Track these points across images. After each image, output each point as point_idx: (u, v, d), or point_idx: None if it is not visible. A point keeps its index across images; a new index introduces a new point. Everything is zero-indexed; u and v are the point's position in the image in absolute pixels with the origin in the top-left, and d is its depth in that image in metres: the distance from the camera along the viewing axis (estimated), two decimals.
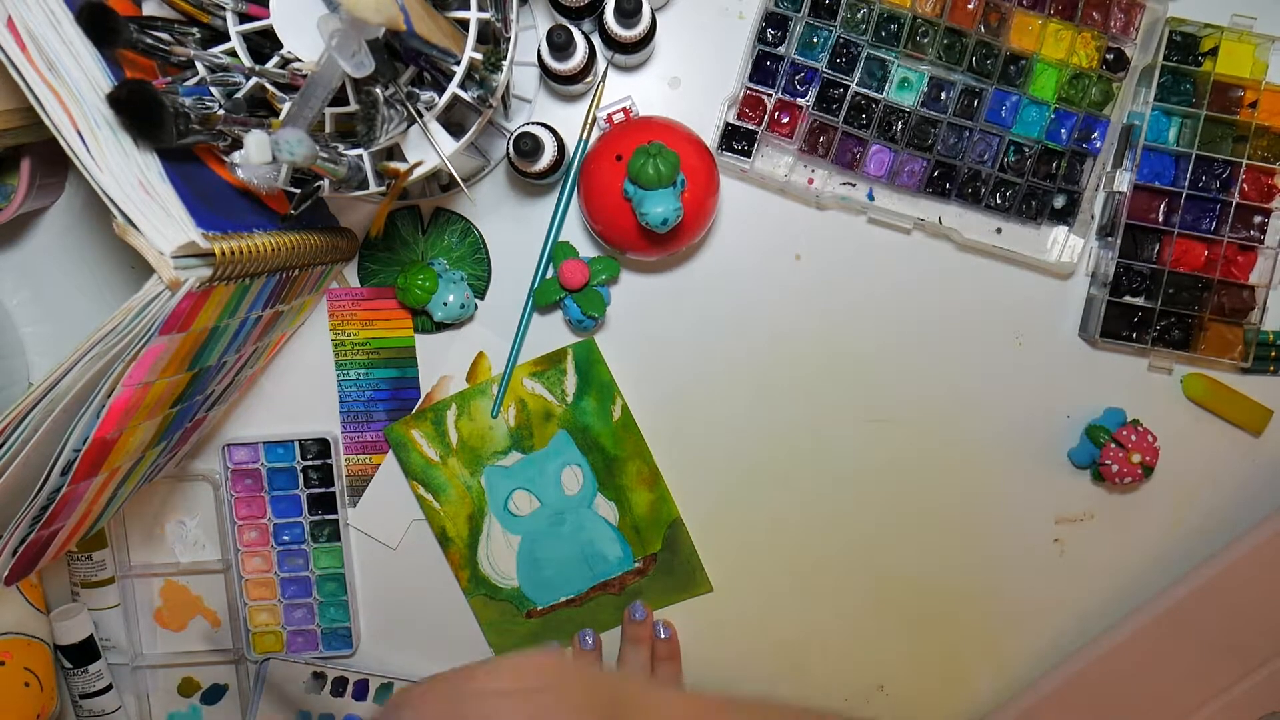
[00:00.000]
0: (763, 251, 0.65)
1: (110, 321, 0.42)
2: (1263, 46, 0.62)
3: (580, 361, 0.65)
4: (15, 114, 0.53)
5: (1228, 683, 0.63)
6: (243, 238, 0.47)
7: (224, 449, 0.66)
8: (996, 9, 0.61)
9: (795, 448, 0.67)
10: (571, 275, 0.61)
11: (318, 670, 0.67)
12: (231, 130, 0.47)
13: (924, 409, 0.66)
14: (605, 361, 0.66)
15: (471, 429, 0.66)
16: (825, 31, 0.61)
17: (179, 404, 0.52)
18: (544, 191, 0.65)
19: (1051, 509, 0.67)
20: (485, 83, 0.50)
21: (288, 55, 0.48)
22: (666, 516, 0.67)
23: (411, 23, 0.44)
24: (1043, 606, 0.68)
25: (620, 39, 0.59)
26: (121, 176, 0.42)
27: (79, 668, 0.66)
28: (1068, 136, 0.62)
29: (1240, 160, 0.62)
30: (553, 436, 0.66)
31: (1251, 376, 0.65)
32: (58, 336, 0.66)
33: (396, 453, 0.66)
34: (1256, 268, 0.63)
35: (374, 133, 0.50)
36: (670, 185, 0.55)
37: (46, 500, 0.45)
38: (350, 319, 0.66)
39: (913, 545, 0.67)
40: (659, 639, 0.66)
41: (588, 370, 0.66)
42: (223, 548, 0.68)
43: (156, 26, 0.48)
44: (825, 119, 0.62)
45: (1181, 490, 0.66)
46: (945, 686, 0.69)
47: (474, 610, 0.68)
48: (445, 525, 0.66)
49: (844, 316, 0.66)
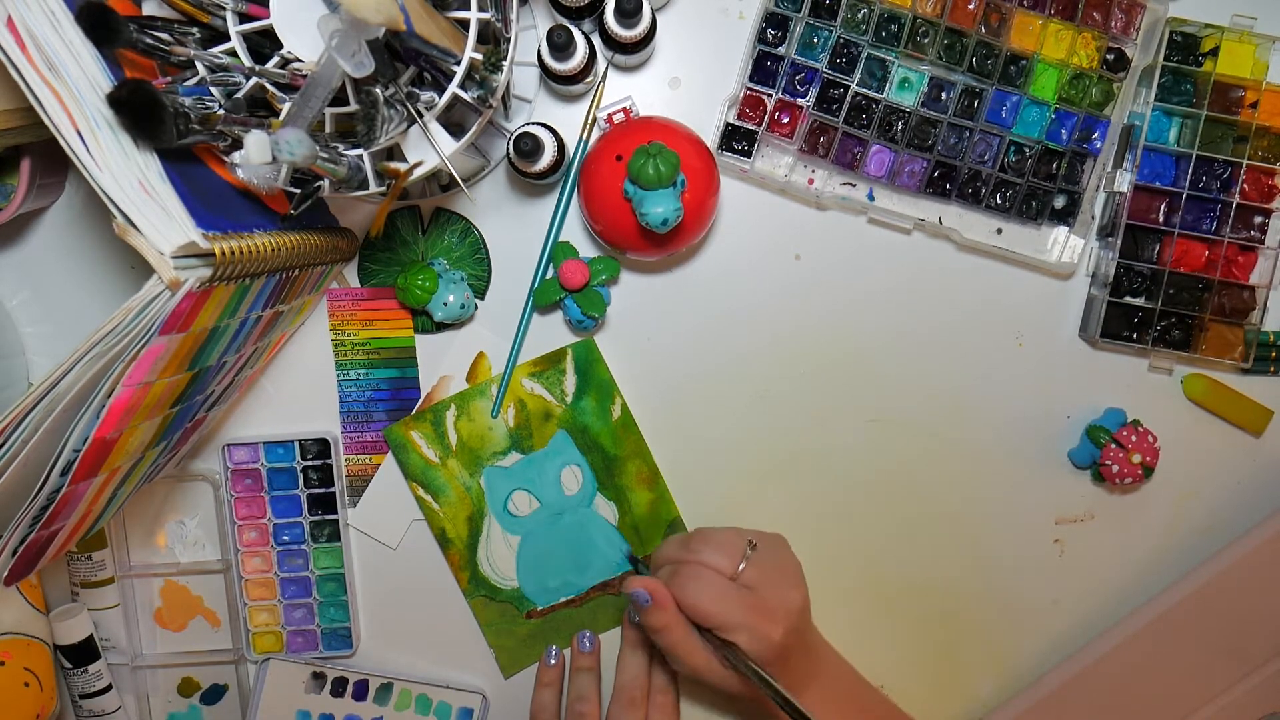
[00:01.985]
0: (763, 251, 0.65)
1: (110, 321, 0.42)
2: (1263, 47, 0.61)
3: (580, 361, 0.65)
4: (15, 114, 0.53)
5: (1228, 683, 0.63)
6: (243, 238, 0.47)
7: (224, 449, 0.66)
8: (997, 9, 0.61)
9: (795, 447, 0.67)
10: (571, 275, 0.61)
11: (318, 670, 0.67)
12: (231, 130, 0.47)
13: (924, 409, 0.66)
14: (605, 361, 0.66)
15: (471, 430, 0.66)
16: (825, 31, 0.61)
17: (179, 404, 0.52)
18: (544, 191, 0.65)
19: (1051, 509, 0.67)
20: (485, 83, 0.50)
21: (288, 55, 0.48)
22: (666, 516, 0.67)
23: (411, 23, 0.44)
24: (1043, 606, 0.68)
25: (620, 39, 0.59)
26: (121, 176, 0.42)
27: (79, 668, 0.66)
28: (1068, 137, 0.62)
29: (1241, 160, 0.62)
30: (552, 436, 0.66)
31: (1252, 377, 0.65)
32: (58, 336, 0.66)
33: (396, 454, 0.66)
34: (1257, 268, 0.63)
35: (374, 133, 0.50)
36: (670, 185, 0.55)
37: (46, 500, 0.45)
38: (350, 319, 0.66)
39: (912, 545, 0.67)
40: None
41: (587, 370, 0.66)
42: (223, 548, 0.68)
43: (156, 26, 0.48)
44: (825, 119, 0.62)
45: (1181, 490, 0.66)
46: (945, 686, 0.69)
47: (474, 611, 0.68)
48: (445, 526, 0.66)
49: (844, 317, 0.66)
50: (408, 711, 0.67)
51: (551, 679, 0.66)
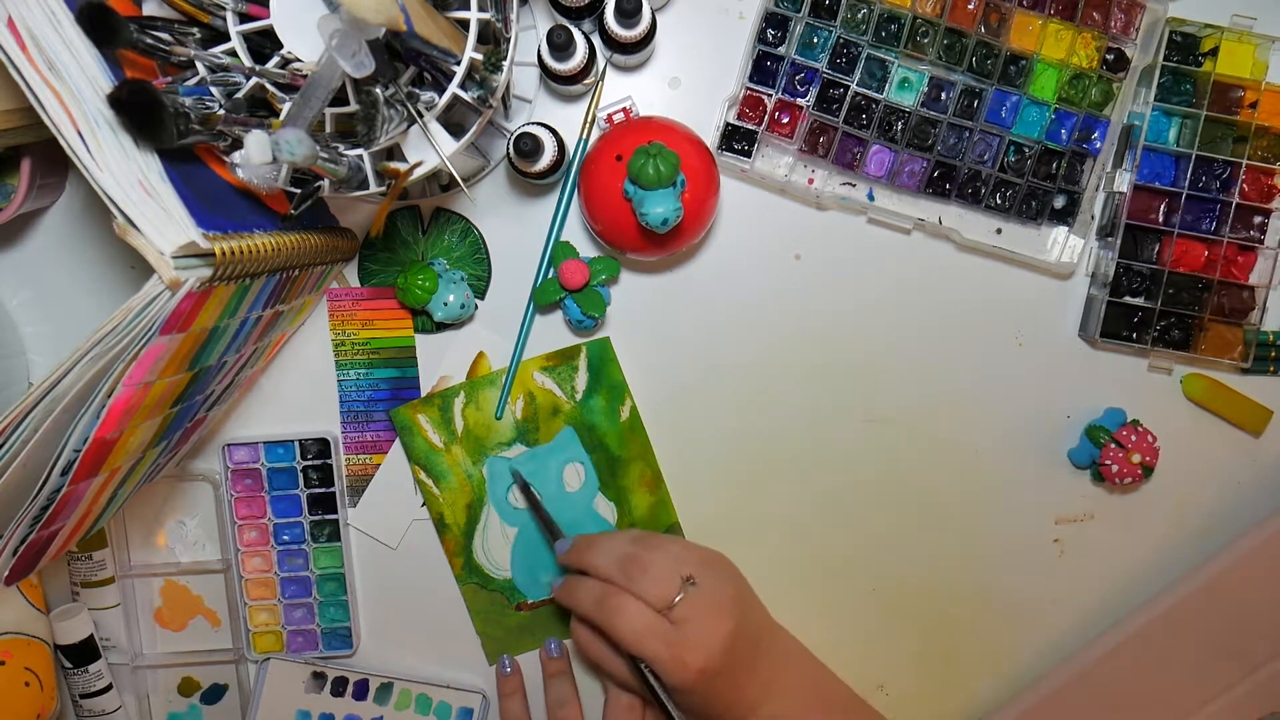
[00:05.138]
0: (763, 251, 0.65)
1: (110, 321, 0.42)
2: (1263, 47, 0.62)
3: (594, 360, 0.65)
4: (15, 114, 0.53)
5: (1228, 683, 0.63)
6: (243, 238, 0.47)
7: (224, 449, 0.66)
8: (997, 9, 0.61)
9: (794, 448, 0.67)
10: (571, 275, 0.61)
11: (318, 670, 0.67)
12: (231, 130, 0.47)
13: (924, 409, 0.66)
14: (619, 361, 0.66)
15: (478, 418, 0.66)
16: (825, 32, 0.61)
17: (179, 404, 0.52)
18: (544, 191, 0.65)
19: (1051, 509, 0.67)
20: (485, 83, 0.50)
21: (288, 55, 0.48)
22: (664, 521, 0.67)
23: (412, 23, 0.44)
24: (1043, 606, 0.68)
25: (620, 39, 0.59)
26: (121, 176, 0.42)
27: (79, 668, 0.66)
28: (1068, 137, 0.62)
29: (1240, 160, 0.62)
30: (558, 432, 0.66)
31: (1251, 377, 0.65)
32: (58, 336, 0.66)
33: (401, 436, 0.66)
34: (1256, 268, 0.63)
35: (374, 133, 0.50)
36: (670, 185, 0.55)
37: (46, 500, 0.45)
38: (350, 319, 0.66)
39: (913, 545, 0.67)
40: None
41: (600, 369, 0.66)
42: (223, 548, 0.68)
43: (156, 26, 0.48)
44: (825, 119, 0.62)
45: (1181, 490, 0.66)
46: (945, 686, 0.69)
47: (464, 598, 0.67)
48: (444, 512, 0.66)
49: (844, 317, 0.66)
50: (408, 711, 0.67)
51: (514, 688, 0.67)
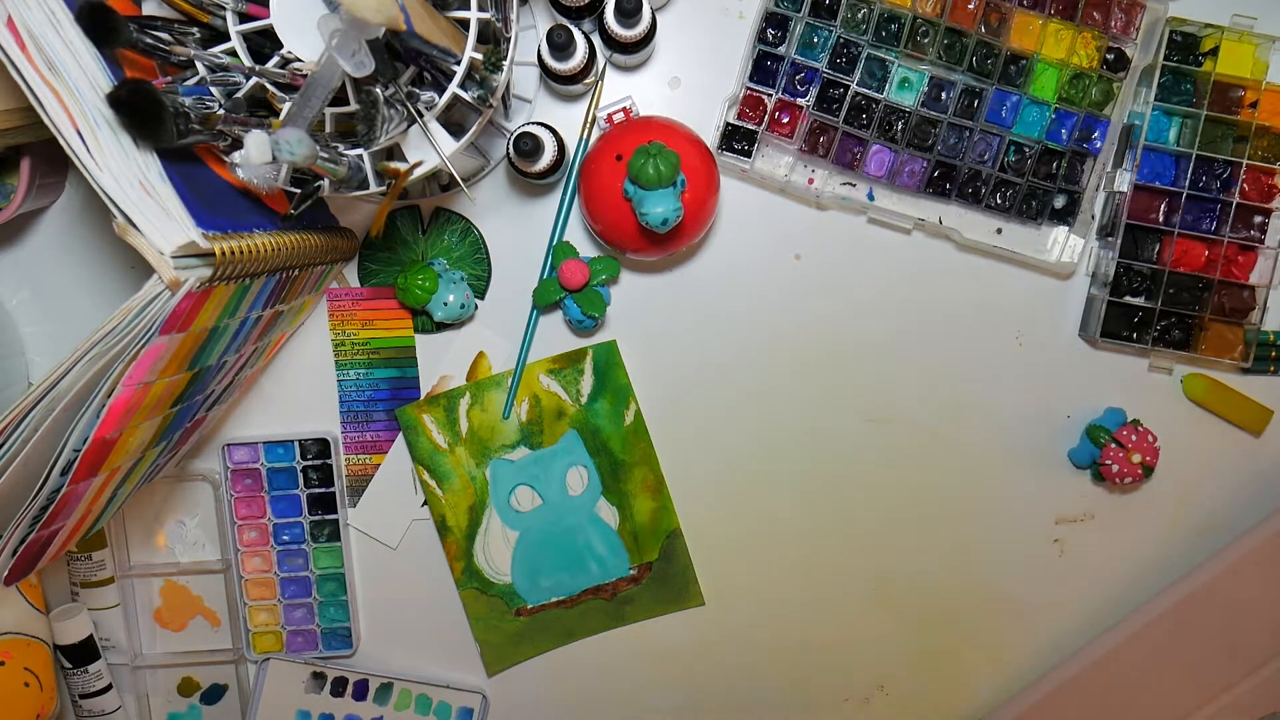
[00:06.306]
0: (763, 251, 0.65)
1: (110, 321, 0.42)
2: (1263, 46, 0.61)
3: (600, 363, 0.65)
4: (15, 114, 0.53)
5: (1228, 683, 0.63)
6: (243, 238, 0.47)
7: (224, 449, 0.66)
8: (997, 9, 0.61)
9: (795, 447, 0.67)
10: (571, 275, 0.61)
11: (318, 670, 0.67)
12: (231, 130, 0.47)
13: (924, 409, 0.66)
14: (625, 365, 0.65)
15: (483, 420, 0.66)
16: (825, 31, 0.61)
17: (179, 404, 0.52)
18: (544, 191, 0.65)
19: (1051, 509, 0.67)
20: (485, 83, 0.50)
21: (288, 55, 0.48)
22: (666, 526, 0.67)
23: (411, 23, 0.44)
24: (1042, 606, 0.68)
25: (620, 39, 0.59)
26: (121, 176, 0.42)
27: (79, 668, 0.66)
28: (1068, 136, 0.62)
29: (1240, 160, 0.62)
30: (563, 435, 0.66)
31: (1251, 376, 0.65)
32: (58, 336, 0.66)
33: (406, 435, 0.66)
34: (1256, 268, 0.63)
35: (374, 133, 0.50)
36: (670, 185, 0.55)
37: (46, 500, 0.45)
38: (350, 319, 0.66)
39: (913, 545, 0.68)
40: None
41: (606, 372, 0.66)
42: (222, 548, 0.68)
43: (156, 26, 0.48)
44: (825, 119, 0.62)
45: (1181, 490, 0.66)
46: (945, 686, 0.69)
47: (464, 603, 0.67)
48: (446, 514, 0.66)
49: (844, 316, 0.66)
50: (408, 711, 0.67)
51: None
